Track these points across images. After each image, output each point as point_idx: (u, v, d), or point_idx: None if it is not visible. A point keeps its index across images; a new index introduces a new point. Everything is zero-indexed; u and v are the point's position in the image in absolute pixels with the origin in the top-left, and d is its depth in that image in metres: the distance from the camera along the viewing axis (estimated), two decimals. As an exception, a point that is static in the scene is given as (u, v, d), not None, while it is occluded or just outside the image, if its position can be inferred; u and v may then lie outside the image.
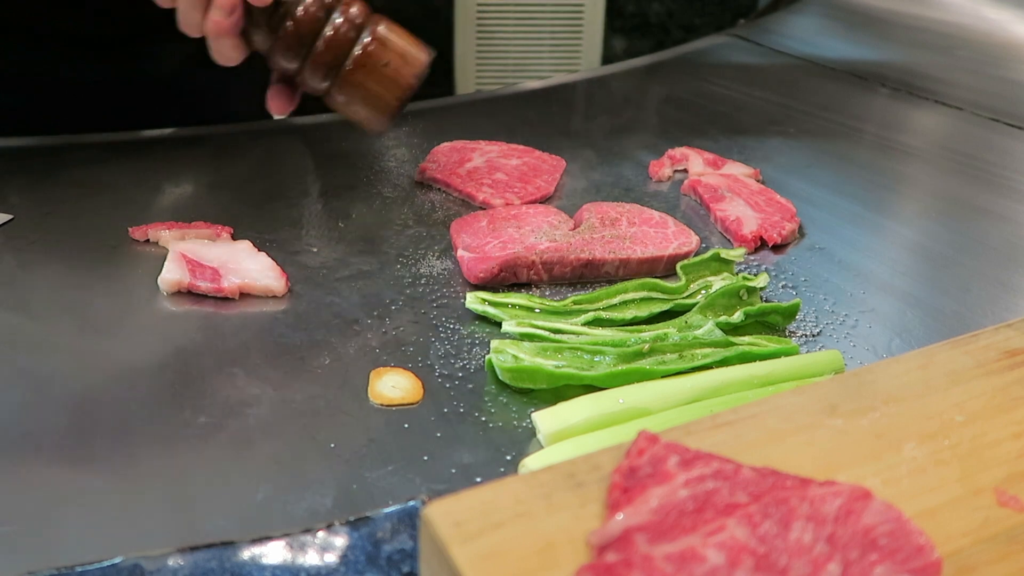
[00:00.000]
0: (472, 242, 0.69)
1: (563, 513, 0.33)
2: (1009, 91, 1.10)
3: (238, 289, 0.64)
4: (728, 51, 1.34)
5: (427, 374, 0.56)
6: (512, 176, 0.83)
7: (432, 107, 1.07)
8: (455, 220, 0.74)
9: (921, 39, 1.26)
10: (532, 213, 0.74)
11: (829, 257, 0.72)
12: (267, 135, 0.96)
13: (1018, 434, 0.39)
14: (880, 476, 0.37)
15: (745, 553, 0.32)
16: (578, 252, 0.67)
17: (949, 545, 0.34)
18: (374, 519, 0.41)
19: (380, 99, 0.70)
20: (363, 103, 0.71)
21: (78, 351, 0.58)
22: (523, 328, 0.58)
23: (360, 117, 0.72)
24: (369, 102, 0.71)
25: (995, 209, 0.82)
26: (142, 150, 0.91)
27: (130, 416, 0.53)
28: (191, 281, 0.64)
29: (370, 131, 0.74)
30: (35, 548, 0.43)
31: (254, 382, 0.56)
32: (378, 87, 0.70)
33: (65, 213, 0.76)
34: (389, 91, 0.70)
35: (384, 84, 0.70)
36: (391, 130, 0.98)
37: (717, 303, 0.61)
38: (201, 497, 0.47)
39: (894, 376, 0.42)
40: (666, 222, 0.73)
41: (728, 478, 0.35)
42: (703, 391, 0.52)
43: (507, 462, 0.49)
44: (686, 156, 0.89)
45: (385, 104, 0.71)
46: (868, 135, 1.02)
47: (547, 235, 0.69)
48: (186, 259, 0.66)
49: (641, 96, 1.13)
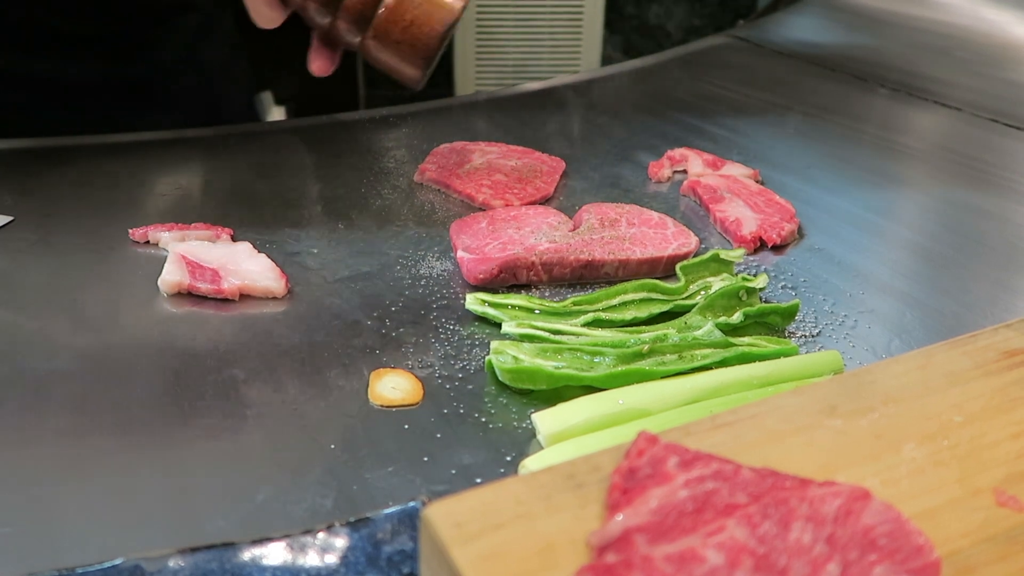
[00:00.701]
0: (472, 243, 0.69)
1: (563, 514, 0.34)
2: (1008, 92, 1.10)
3: (238, 290, 0.64)
4: (727, 52, 1.34)
5: (427, 375, 0.56)
6: (511, 177, 0.83)
7: (431, 108, 1.07)
8: (455, 221, 0.74)
9: (920, 40, 1.26)
10: (531, 214, 0.74)
11: (828, 258, 0.73)
12: (266, 136, 0.96)
13: (1017, 435, 0.39)
14: (879, 477, 0.37)
15: (745, 553, 0.32)
16: (578, 253, 0.67)
17: (948, 545, 0.34)
18: (374, 520, 0.41)
19: (413, 49, 0.71)
20: (396, 54, 0.72)
21: (78, 353, 0.59)
22: (523, 329, 0.59)
23: (394, 68, 0.73)
24: (402, 52, 0.71)
25: (994, 210, 0.83)
26: (141, 151, 0.91)
27: (130, 417, 0.53)
28: (191, 283, 0.64)
29: (406, 83, 0.75)
30: (36, 549, 0.43)
31: (254, 384, 0.56)
32: (409, 37, 0.71)
33: (64, 215, 0.77)
34: (421, 41, 0.71)
35: (415, 34, 0.71)
36: (391, 130, 0.98)
37: (716, 304, 0.62)
38: (201, 498, 0.47)
39: (893, 377, 0.42)
40: (665, 223, 0.73)
41: (728, 479, 0.35)
42: (703, 392, 0.52)
43: (507, 463, 0.49)
44: (685, 157, 0.89)
45: (418, 54, 0.71)
46: (867, 136, 1.02)
47: (547, 236, 0.69)
48: (186, 260, 0.66)
49: (640, 97, 1.13)
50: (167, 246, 0.70)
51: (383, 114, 1.03)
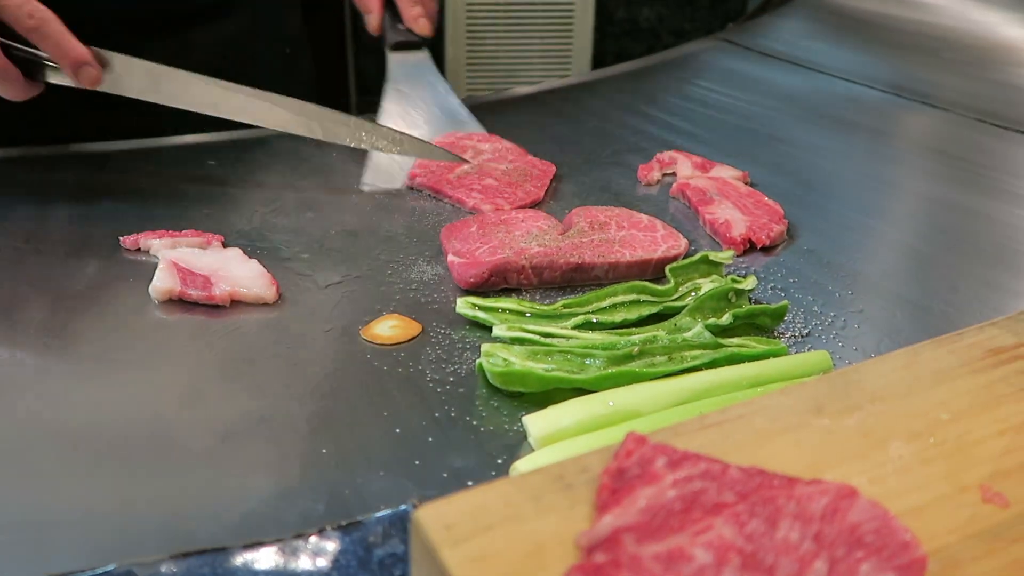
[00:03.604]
0: (462, 247, 0.69)
1: (552, 515, 0.34)
2: (996, 92, 1.11)
3: (229, 296, 0.64)
4: (717, 55, 1.35)
5: (418, 379, 0.56)
6: (502, 182, 0.83)
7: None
8: (445, 226, 0.74)
9: (909, 42, 1.27)
10: (521, 218, 0.74)
11: (818, 259, 0.73)
12: (257, 143, 0.96)
13: (1003, 431, 0.40)
14: (866, 475, 0.37)
15: (732, 552, 0.32)
16: (567, 256, 0.67)
17: (935, 542, 0.34)
18: (365, 524, 0.41)
19: None
20: None
21: (69, 360, 0.59)
22: (513, 332, 0.59)
23: None
24: None
25: (982, 209, 0.83)
26: (131, 160, 0.91)
27: (121, 424, 0.53)
28: (182, 289, 0.64)
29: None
30: (28, 556, 0.43)
31: (243, 389, 0.56)
32: None
33: (54, 223, 0.77)
34: None
35: None
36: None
37: (706, 305, 0.62)
38: (193, 503, 0.47)
39: (880, 375, 0.43)
40: (655, 225, 0.73)
41: (715, 478, 0.35)
42: (693, 393, 0.52)
43: (498, 466, 0.49)
44: (675, 160, 0.90)
45: None
46: (856, 137, 1.02)
47: (536, 240, 0.70)
48: (177, 267, 0.66)
49: (630, 100, 1.13)
50: (158, 253, 0.70)
51: (374, 119, 1.02)
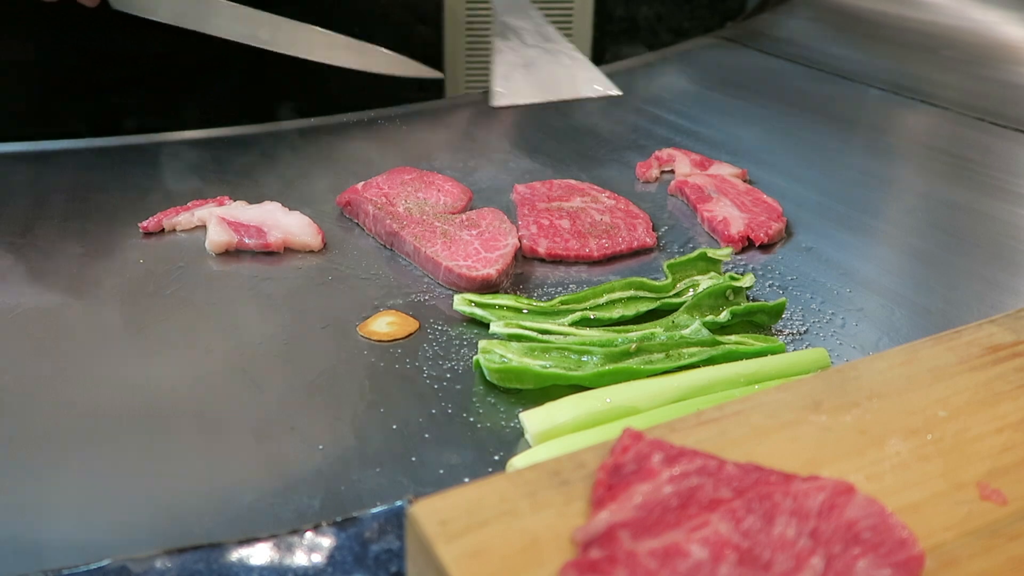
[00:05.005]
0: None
1: (548, 511, 0.34)
2: (995, 91, 1.11)
3: (283, 243, 0.69)
4: (716, 53, 1.34)
5: (415, 375, 0.56)
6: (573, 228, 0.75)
7: (422, 110, 1.07)
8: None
9: (908, 40, 1.27)
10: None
11: (816, 257, 0.73)
12: (260, 139, 0.96)
13: (1000, 429, 0.40)
14: (864, 471, 0.37)
15: (728, 548, 0.32)
16: (393, 224, 0.71)
17: (932, 539, 0.34)
18: (361, 519, 0.41)
19: None
20: None
21: (59, 357, 0.58)
22: (511, 329, 0.59)
23: None
24: None
25: (981, 207, 0.83)
26: (131, 155, 0.90)
27: (114, 419, 0.52)
28: (239, 239, 0.69)
29: None
30: (22, 551, 0.43)
31: (239, 385, 0.56)
32: None
33: (53, 218, 0.76)
34: None
35: None
36: (393, 135, 0.98)
37: (704, 303, 0.62)
38: (188, 499, 0.47)
39: (878, 372, 0.43)
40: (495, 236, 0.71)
41: (712, 474, 0.35)
42: (690, 390, 0.52)
43: (495, 462, 0.49)
44: (673, 157, 0.89)
45: None
46: (855, 135, 1.02)
47: (418, 207, 0.73)
48: (228, 222, 0.70)
49: (629, 98, 1.13)
50: (198, 221, 0.73)
51: (371, 116, 1.02)
